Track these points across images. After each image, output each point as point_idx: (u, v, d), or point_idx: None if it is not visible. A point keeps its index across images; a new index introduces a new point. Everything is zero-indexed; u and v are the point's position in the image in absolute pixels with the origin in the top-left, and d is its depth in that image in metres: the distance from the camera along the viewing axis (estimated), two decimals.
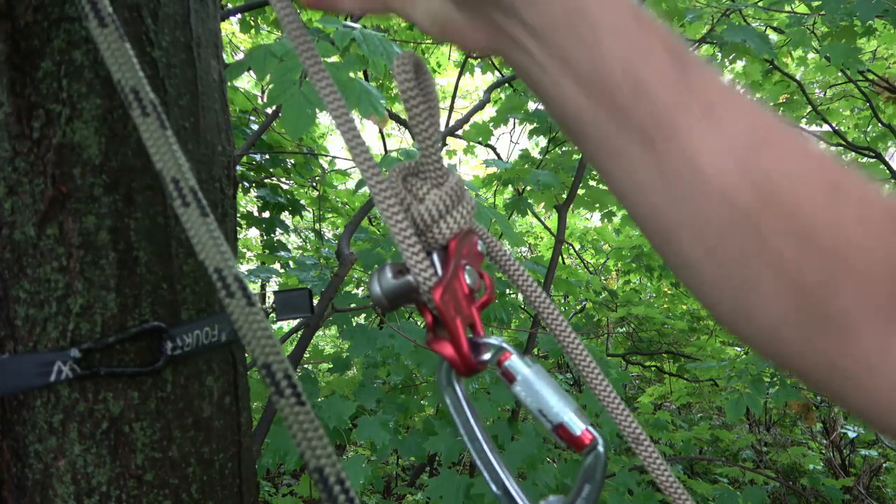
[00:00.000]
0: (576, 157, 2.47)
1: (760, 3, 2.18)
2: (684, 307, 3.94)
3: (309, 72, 0.36)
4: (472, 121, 2.63)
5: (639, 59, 0.32)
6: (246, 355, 0.69)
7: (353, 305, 1.84)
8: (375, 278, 0.35)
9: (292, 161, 2.66)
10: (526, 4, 0.32)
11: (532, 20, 0.33)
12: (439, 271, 0.36)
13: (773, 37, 2.70)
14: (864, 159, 2.91)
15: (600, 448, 0.32)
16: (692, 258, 0.33)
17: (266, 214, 2.54)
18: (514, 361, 0.34)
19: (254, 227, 2.59)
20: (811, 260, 0.30)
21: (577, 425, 0.33)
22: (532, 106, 2.67)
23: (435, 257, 0.36)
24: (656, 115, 0.32)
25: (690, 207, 0.32)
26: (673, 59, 0.32)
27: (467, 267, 0.36)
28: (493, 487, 0.33)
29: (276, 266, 2.62)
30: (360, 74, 2.41)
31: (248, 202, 2.93)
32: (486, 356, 0.35)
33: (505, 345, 0.35)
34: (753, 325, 0.33)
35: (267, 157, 2.49)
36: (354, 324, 1.86)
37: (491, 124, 2.66)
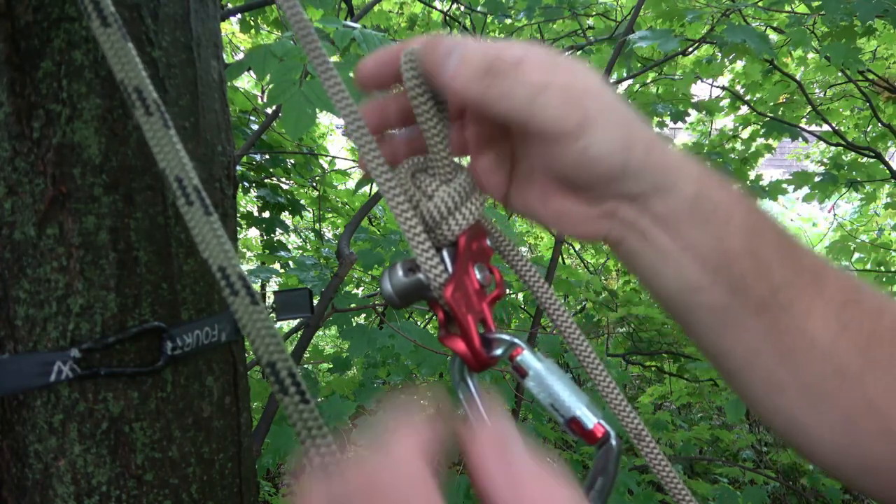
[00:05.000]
0: None
1: (760, 3, 2.18)
2: None
3: (317, 70, 0.36)
4: None
5: (759, 241, 0.35)
6: (246, 355, 0.69)
7: (353, 305, 1.84)
8: (386, 276, 0.36)
9: (292, 161, 2.65)
10: (656, 195, 0.34)
11: (660, 209, 0.35)
12: (450, 268, 0.36)
13: (773, 37, 2.70)
14: (865, 159, 2.91)
15: (613, 441, 0.33)
16: (800, 415, 0.36)
17: (266, 214, 2.54)
18: (526, 356, 0.35)
19: (254, 227, 2.58)
20: None
21: (590, 419, 0.33)
22: None
23: (445, 254, 0.36)
24: (774, 289, 0.35)
25: (800, 367, 0.35)
26: (782, 237, 0.36)
27: (477, 263, 0.37)
28: None
29: (276, 266, 2.62)
30: None
31: (248, 202, 2.92)
32: (498, 351, 0.35)
33: (517, 340, 0.35)
34: (851, 467, 0.36)
35: (267, 157, 2.49)
36: (354, 324, 1.86)
37: None
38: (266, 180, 2.58)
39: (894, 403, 0.34)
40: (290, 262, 2.44)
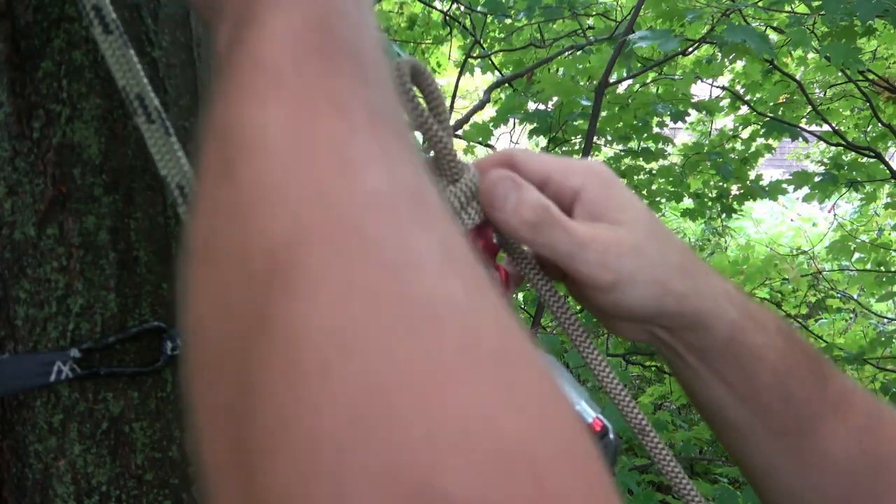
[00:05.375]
0: (575, 157, 2.47)
1: (760, 3, 2.18)
2: None
3: None
4: (472, 121, 2.64)
5: (789, 379, 0.37)
6: None
7: None
8: None
9: None
10: (689, 332, 0.37)
11: (693, 341, 0.37)
12: None
13: (773, 37, 2.70)
14: (865, 159, 2.91)
15: (611, 435, 0.34)
16: None
17: None
18: None
19: None
20: None
21: (589, 413, 0.35)
22: (532, 106, 2.67)
23: None
24: (800, 420, 0.38)
25: (818, 482, 0.38)
26: (814, 369, 0.39)
27: (483, 260, 0.37)
28: None
29: None
30: None
31: None
32: None
33: None
34: None
35: None
36: None
37: (491, 124, 2.65)
38: None
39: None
40: None
